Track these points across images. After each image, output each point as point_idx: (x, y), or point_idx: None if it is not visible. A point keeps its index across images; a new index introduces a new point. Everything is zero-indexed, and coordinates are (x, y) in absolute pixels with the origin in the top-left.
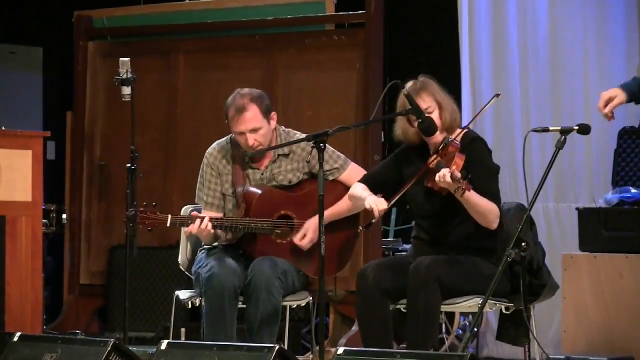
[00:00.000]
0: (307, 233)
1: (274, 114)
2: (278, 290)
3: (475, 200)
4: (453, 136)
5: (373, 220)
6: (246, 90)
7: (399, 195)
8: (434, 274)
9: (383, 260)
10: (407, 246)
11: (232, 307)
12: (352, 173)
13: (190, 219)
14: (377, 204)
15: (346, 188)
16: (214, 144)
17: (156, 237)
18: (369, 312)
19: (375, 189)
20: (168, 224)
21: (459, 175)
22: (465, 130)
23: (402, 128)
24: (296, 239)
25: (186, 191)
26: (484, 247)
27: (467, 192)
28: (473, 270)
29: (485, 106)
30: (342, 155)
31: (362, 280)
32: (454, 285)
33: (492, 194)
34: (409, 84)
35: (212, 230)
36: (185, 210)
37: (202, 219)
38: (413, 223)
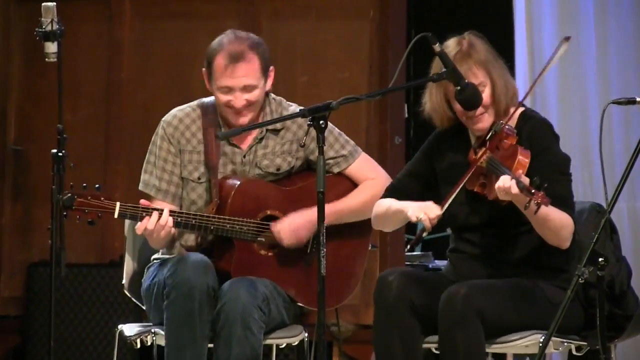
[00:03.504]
0: (287, 223)
1: (272, 70)
2: (258, 324)
3: (546, 214)
4: (504, 120)
5: (424, 235)
6: (242, 33)
7: (454, 194)
8: (474, 307)
9: (410, 270)
10: (441, 263)
11: (204, 313)
12: (363, 165)
13: (145, 211)
14: (426, 211)
15: (353, 185)
16: (174, 110)
17: (92, 250)
18: (390, 333)
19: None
20: (116, 215)
21: (527, 182)
22: (521, 109)
23: (435, 102)
24: (275, 226)
25: (134, 186)
26: (552, 265)
27: (543, 207)
28: (532, 298)
29: (551, 58)
30: (351, 141)
31: (383, 289)
32: (502, 322)
33: (564, 201)
34: (451, 45)
35: (173, 229)
36: None
37: (160, 211)
38: (449, 231)
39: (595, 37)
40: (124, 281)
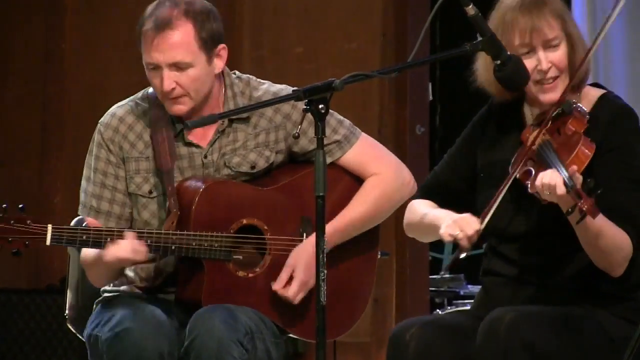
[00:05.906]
0: (296, 273)
1: (222, 48)
2: None
3: (599, 228)
4: (579, 100)
5: (462, 255)
6: None
7: (496, 204)
8: (522, 338)
9: (432, 319)
10: (475, 289)
11: None
12: (363, 152)
13: (85, 233)
14: (463, 227)
15: (355, 179)
16: (113, 108)
17: (25, 272)
18: None
19: (447, 204)
20: (48, 241)
21: (579, 182)
22: (602, 92)
23: (486, 68)
24: (278, 284)
25: (78, 190)
26: (613, 291)
27: (588, 217)
28: (591, 333)
29: (609, 17)
30: (346, 120)
31: (398, 350)
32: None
33: (626, 215)
34: None
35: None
36: (79, 223)
37: (118, 233)
38: (484, 247)
39: None
40: (66, 312)
